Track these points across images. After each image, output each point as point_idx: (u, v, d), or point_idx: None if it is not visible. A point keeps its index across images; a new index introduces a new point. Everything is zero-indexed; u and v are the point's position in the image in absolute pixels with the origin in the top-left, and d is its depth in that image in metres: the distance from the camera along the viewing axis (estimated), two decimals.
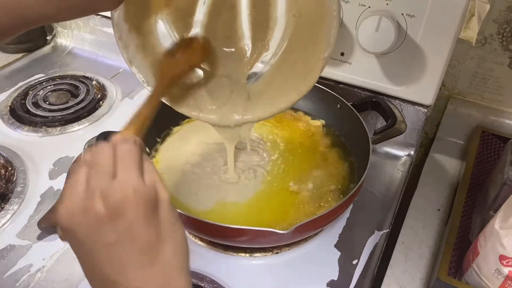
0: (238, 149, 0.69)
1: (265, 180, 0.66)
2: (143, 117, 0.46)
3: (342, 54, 0.73)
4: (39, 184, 0.71)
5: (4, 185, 0.72)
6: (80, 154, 0.63)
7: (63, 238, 0.37)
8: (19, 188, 0.70)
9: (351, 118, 0.70)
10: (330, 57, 0.51)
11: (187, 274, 0.37)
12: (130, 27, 0.52)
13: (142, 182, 0.35)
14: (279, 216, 0.61)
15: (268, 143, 0.72)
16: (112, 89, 0.92)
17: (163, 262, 0.35)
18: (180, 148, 0.71)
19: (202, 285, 0.57)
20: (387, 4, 0.65)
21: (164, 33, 0.55)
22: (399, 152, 0.79)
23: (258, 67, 0.57)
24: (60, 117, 0.85)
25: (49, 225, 0.64)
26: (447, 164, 0.78)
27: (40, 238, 0.64)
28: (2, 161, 0.74)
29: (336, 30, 0.49)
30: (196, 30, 0.56)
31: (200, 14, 0.55)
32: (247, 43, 0.56)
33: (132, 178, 0.35)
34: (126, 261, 0.34)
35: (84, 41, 1.04)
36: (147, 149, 0.69)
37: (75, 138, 0.80)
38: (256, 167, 0.68)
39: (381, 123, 0.74)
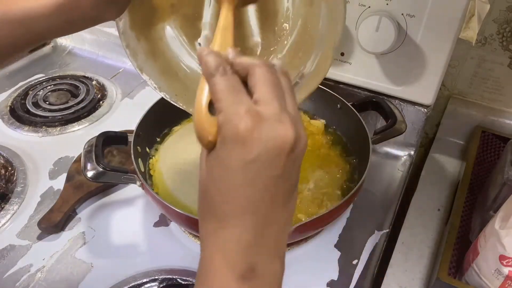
0: None
1: None
2: (231, 29, 0.42)
3: (342, 54, 0.73)
4: (39, 184, 0.71)
5: (4, 185, 0.72)
6: (80, 154, 0.63)
7: (210, 146, 0.33)
8: (19, 188, 0.70)
9: (351, 118, 0.70)
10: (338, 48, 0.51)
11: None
12: (138, 35, 0.52)
13: (302, 125, 0.34)
14: None
15: None
16: (112, 89, 0.92)
17: (290, 208, 0.35)
18: (180, 147, 0.71)
19: None
20: (387, 4, 0.65)
21: (173, 36, 0.55)
22: (399, 152, 0.79)
23: None
24: (60, 117, 0.85)
25: (49, 225, 0.64)
26: (447, 164, 0.78)
27: (40, 238, 0.64)
28: (2, 161, 0.74)
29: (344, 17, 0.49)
30: (206, 32, 0.56)
31: (208, 16, 0.55)
32: (257, 40, 0.56)
33: (298, 114, 0.34)
34: (274, 197, 0.32)
35: (84, 41, 1.04)
36: (147, 149, 0.69)
37: (75, 138, 0.80)
38: None
39: (381, 123, 0.74)
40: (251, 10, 0.55)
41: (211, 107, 0.33)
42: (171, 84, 0.57)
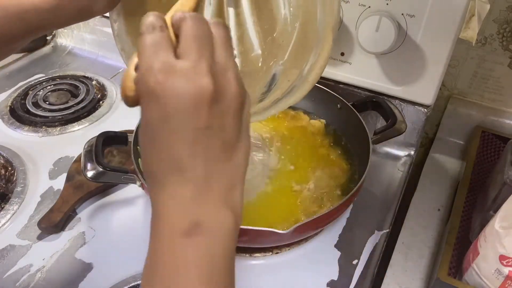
0: None
1: (267, 180, 0.66)
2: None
3: (342, 54, 0.73)
4: (39, 184, 0.71)
5: (4, 185, 0.72)
6: (80, 154, 0.64)
7: (132, 102, 0.33)
8: (19, 188, 0.70)
9: (351, 118, 0.70)
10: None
11: (243, 185, 0.35)
12: (134, 41, 0.52)
13: (239, 73, 0.33)
14: (281, 216, 0.61)
15: (269, 143, 0.72)
16: (112, 89, 0.92)
17: (235, 162, 0.34)
18: None
19: None
20: (387, 4, 0.65)
21: None
22: (399, 152, 0.79)
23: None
24: (60, 117, 0.85)
25: (49, 225, 0.64)
26: (447, 164, 0.78)
27: (40, 238, 0.64)
28: (2, 161, 0.74)
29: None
30: None
31: (208, 17, 0.55)
32: (257, 53, 0.56)
33: (233, 65, 0.33)
34: (206, 150, 0.32)
35: (84, 41, 1.04)
36: None
37: (75, 138, 0.80)
38: (260, 165, 0.68)
39: (381, 123, 0.74)
40: (250, 25, 0.55)
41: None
42: None
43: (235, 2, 0.55)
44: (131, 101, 0.33)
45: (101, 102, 0.89)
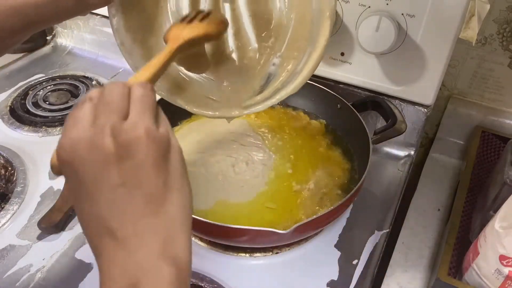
0: (243, 146, 0.70)
1: (267, 180, 0.66)
2: (157, 67, 0.44)
3: (342, 54, 0.73)
4: (39, 184, 0.71)
5: (4, 185, 0.72)
6: None
7: (57, 172, 0.35)
8: (19, 188, 0.70)
9: (351, 118, 0.70)
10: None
11: (189, 232, 0.35)
12: (134, 39, 0.53)
13: (155, 126, 0.34)
14: (281, 216, 0.61)
15: (270, 143, 0.72)
16: None
17: (166, 214, 0.33)
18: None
19: (202, 285, 0.57)
20: (387, 4, 0.65)
21: None
22: (399, 152, 0.79)
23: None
24: (60, 117, 0.85)
25: (49, 225, 0.64)
26: (447, 164, 0.78)
27: (40, 238, 0.64)
28: (2, 161, 0.74)
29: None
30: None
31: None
32: (254, 47, 0.57)
33: (145, 120, 0.33)
34: (129, 207, 0.32)
35: (84, 41, 1.04)
36: None
37: None
38: (260, 166, 0.68)
39: (381, 123, 0.74)
40: (246, 19, 0.56)
41: None
42: (168, 85, 0.57)
43: None
44: (55, 170, 0.35)
45: None
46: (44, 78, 0.96)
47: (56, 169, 0.35)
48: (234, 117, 0.57)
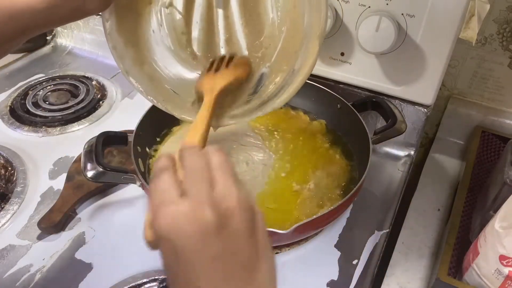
0: (243, 146, 0.70)
1: (267, 180, 0.66)
2: (206, 123, 0.47)
3: (342, 54, 0.73)
4: (39, 184, 0.71)
5: (4, 185, 0.72)
6: (80, 154, 0.64)
7: (154, 247, 0.35)
8: (19, 188, 0.70)
9: (351, 118, 0.70)
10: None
11: None
12: (126, 42, 0.54)
13: (243, 194, 0.34)
14: (281, 216, 0.61)
15: (270, 143, 0.72)
16: (112, 89, 0.92)
17: (257, 282, 0.34)
18: (180, 147, 0.71)
19: None
20: (387, 4, 0.65)
21: (160, 44, 0.56)
22: (399, 152, 0.79)
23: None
24: (60, 117, 0.85)
25: (49, 225, 0.64)
26: (447, 164, 0.78)
27: (40, 238, 0.64)
28: (2, 161, 0.74)
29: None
30: (195, 47, 0.57)
31: (196, 31, 0.57)
32: (244, 53, 0.57)
33: (233, 189, 0.34)
34: (227, 275, 0.33)
35: (84, 41, 1.04)
36: (147, 149, 0.69)
37: (75, 138, 0.80)
38: (260, 166, 0.68)
39: (381, 123, 0.74)
40: (238, 27, 0.56)
41: None
42: (159, 90, 0.58)
43: (224, 4, 0.55)
44: (152, 246, 0.35)
45: (101, 102, 0.89)
46: (44, 78, 0.96)
47: (154, 245, 0.35)
48: (220, 126, 0.57)
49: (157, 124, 0.71)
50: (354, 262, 0.61)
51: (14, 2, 0.41)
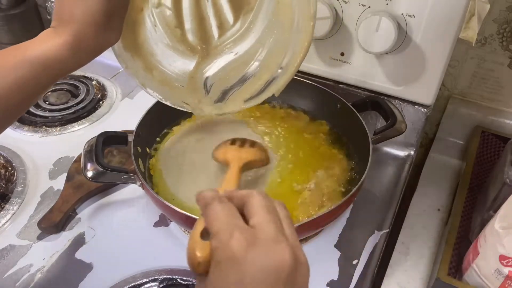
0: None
1: (267, 180, 0.66)
2: (237, 181, 0.52)
3: (342, 54, 0.73)
4: (39, 184, 0.71)
5: (4, 185, 0.72)
6: (80, 154, 0.64)
7: (203, 268, 0.33)
8: (19, 188, 0.70)
9: (351, 118, 0.70)
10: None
11: None
12: (133, 54, 0.55)
13: (304, 253, 0.34)
14: None
15: (269, 143, 0.72)
16: (112, 89, 0.92)
17: None
18: (180, 147, 0.71)
19: None
20: (387, 4, 0.65)
21: (165, 52, 0.58)
22: (399, 152, 0.79)
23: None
24: (60, 117, 0.85)
25: (49, 225, 0.64)
26: (447, 164, 0.78)
27: (40, 238, 0.64)
28: (2, 161, 0.74)
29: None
30: (190, 37, 0.58)
31: (188, 23, 0.58)
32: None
33: (298, 241, 0.34)
34: None
35: None
36: (147, 149, 0.69)
37: (75, 138, 0.80)
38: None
39: (381, 123, 0.74)
40: (228, 11, 0.58)
41: (206, 235, 0.34)
42: (172, 91, 0.60)
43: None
44: (202, 268, 0.33)
45: (101, 102, 0.89)
46: None
47: (203, 266, 0.33)
48: (205, 114, 0.60)
49: (157, 124, 0.71)
50: (354, 262, 0.61)
51: (44, 53, 0.43)
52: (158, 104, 0.67)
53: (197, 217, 0.54)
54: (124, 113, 0.87)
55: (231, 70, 0.60)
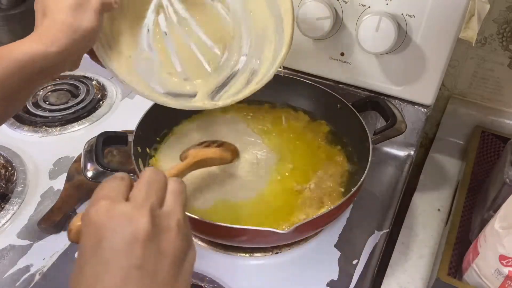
0: (244, 145, 0.70)
1: (267, 180, 0.66)
2: (179, 172, 0.54)
3: (342, 54, 0.73)
4: (39, 184, 0.71)
5: (4, 185, 0.72)
6: (80, 154, 0.64)
7: (73, 238, 0.35)
8: (19, 188, 0.70)
9: (351, 118, 0.70)
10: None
11: None
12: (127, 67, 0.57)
13: (186, 224, 0.35)
14: (281, 216, 0.61)
15: (270, 143, 0.72)
16: (112, 89, 0.92)
17: None
18: (180, 147, 0.71)
19: (202, 285, 0.57)
20: (387, 4, 0.65)
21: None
22: (399, 152, 0.79)
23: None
24: (60, 117, 0.85)
25: (49, 225, 0.64)
26: (447, 164, 0.78)
27: (40, 238, 0.64)
28: (2, 161, 0.74)
29: None
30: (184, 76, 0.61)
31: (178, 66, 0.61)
32: (216, 52, 0.62)
33: (179, 213, 0.35)
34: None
35: None
36: (147, 149, 0.69)
37: (75, 138, 0.80)
38: (260, 165, 0.68)
39: (381, 123, 0.74)
40: (199, 32, 0.61)
41: None
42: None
43: (182, 25, 0.60)
44: (73, 235, 0.36)
45: (101, 102, 0.89)
46: None
47: (74, 237, 0.35)
48: (187, 106, 0.60)
49: (157, 124, 0.71)
50: (354, 262, 0.61)
51: (23, 49, 0.43)
52: (158, 104, 0.67)
53: (197, 217, 0.54)
54: (124, 113, 0.87)
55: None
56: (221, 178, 0.66)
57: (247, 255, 0.62)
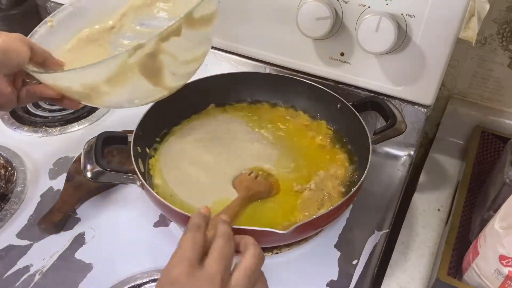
0: (244, 145, 0.70)
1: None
2: (236, 213, 0.57)
3: (342, 54, 0.73)
4: (39, 184, 0.71)
5: (4, 185, 0.72)
6: (80, 154, 0.64)
7: None
8: (19, 188, 0.70)
9: (351, 118, 0.70)
10: None
11: None
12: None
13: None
14: (281, 216, 0.61)
15: (269, 143, 0.72)
16: None
17: None
18: (179, 147, 0.71)
19: None
20: (387, 4, 0.65)
21: None
22: (399, 152, 0.79)
23: None
24: (60, 117, 0.85)
25: (49, 225, 0.64)
26: (447, 164, 0.78)
27: (40, 238, 0.64)
28: (2, 161, 0.74)
29: None
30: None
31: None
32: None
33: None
34: None
35: None
36: (147, 149, 0.69)
37: (75, 138, 0.80)
38: (260, 165, 0.68)
39: (381, 123, 0.74)
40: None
41: None
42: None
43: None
44: None
45: None
46: None
47: None
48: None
49: (157, 124, 0.71)
50: (354, 262, 0.61)
51: None
52: (158, 104, 0.68)
53: None
54: (124, 113, 0.87)
55: None
56: (221, 178, 0.66)
57: None
